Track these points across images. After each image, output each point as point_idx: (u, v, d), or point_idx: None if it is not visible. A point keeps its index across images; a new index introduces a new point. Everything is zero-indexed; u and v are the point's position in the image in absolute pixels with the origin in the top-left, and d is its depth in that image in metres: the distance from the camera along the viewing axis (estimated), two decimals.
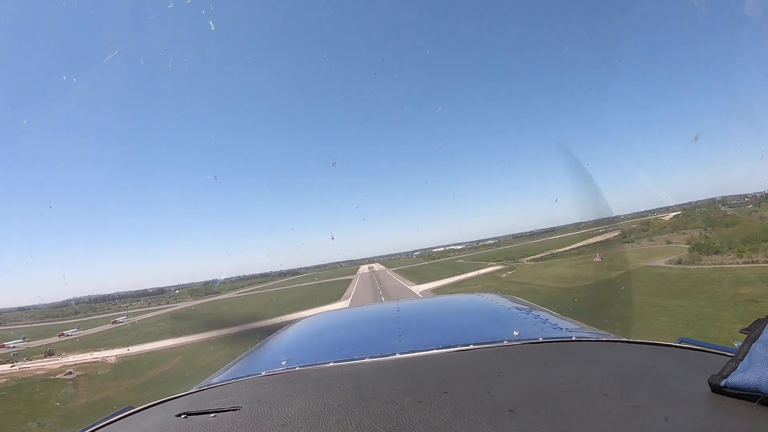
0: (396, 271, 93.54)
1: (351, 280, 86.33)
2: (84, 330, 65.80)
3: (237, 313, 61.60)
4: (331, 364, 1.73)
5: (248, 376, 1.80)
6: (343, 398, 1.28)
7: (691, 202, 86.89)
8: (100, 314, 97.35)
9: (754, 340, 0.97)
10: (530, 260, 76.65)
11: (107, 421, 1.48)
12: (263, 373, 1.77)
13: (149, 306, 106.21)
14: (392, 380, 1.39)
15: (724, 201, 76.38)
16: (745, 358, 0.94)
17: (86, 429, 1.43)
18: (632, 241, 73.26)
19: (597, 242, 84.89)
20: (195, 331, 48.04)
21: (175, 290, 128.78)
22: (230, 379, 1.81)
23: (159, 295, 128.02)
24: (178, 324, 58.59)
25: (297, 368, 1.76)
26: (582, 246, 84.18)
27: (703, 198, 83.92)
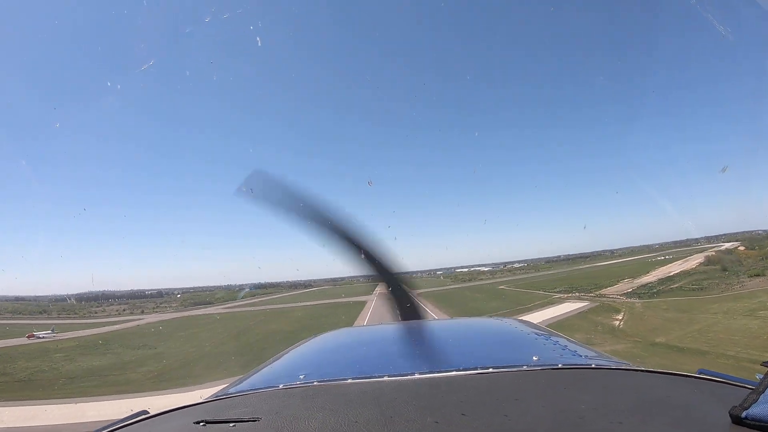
0: (424, 297, 68.04)
1: (365, 303, 62.04)
2: None
3: (160, 356, 37.45)
4: (349, 380, 1.64)
5: (266, 387, 1.72)
6: (363, 415, 1.22)
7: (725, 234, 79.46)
8: (64, 318, 75.72)
9: None
10: (621, 295, 50.83)
11: (122, 424, 1.44)
12: (281, 386, 1.68)
13: (119, 315, 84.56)
14: (412, 400, 1.34)
15: None
16: (767, 391, 0.90)
17: (100, 430, 1.42)
18: (763, 274, 49.17)
19: (686, 272, 61.23)
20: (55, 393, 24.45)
21: (177, 294, 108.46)
22: (248, 390, 1.73)
23: (157, 297, 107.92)
24: (69, 365, 34.73)
25: (315, 383, 1.67)
26: (671, 275, 60.22)
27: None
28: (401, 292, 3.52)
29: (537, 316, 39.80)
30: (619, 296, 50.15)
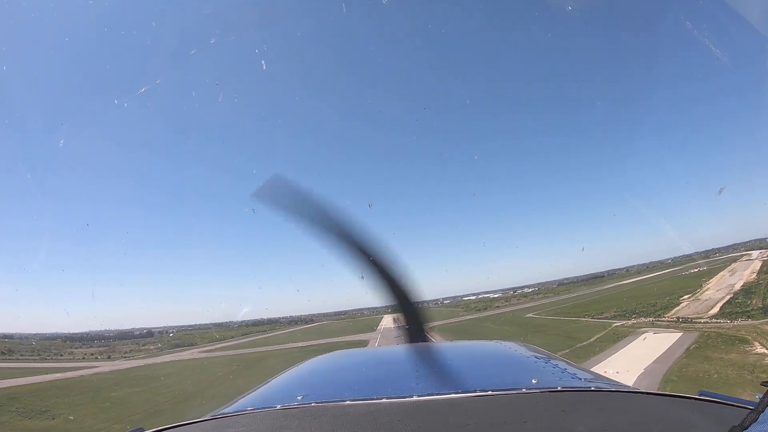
0: (438, 332, 53.63)
1: (367, 343, 48.48)
2: None
3: None
4: (347, 401, 1.60)
5: (263, 408, 1.68)
6: None
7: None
8: (24, 360, 63.86)
9: None
10: (716, 318, 37.27)
11: None
12: (279, 407, 1.65)
13: (82, 360, 71.29)
14: (412, 421, 1.30)
15: None
16: (766, 410, 0.89)
17: None
18: None
19: (752, 283, 52.43)
20: None
21: (170, 333, 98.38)
22: (245, 410, 1.69)
23: (147, 337, 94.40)
24: None
25: (313, 404, 1.63)
26: (739, 289, 50.64)
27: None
28: (416, 326, 3.19)
29: (624, 361, 26.01)
30: (714, 320, 36.30)
